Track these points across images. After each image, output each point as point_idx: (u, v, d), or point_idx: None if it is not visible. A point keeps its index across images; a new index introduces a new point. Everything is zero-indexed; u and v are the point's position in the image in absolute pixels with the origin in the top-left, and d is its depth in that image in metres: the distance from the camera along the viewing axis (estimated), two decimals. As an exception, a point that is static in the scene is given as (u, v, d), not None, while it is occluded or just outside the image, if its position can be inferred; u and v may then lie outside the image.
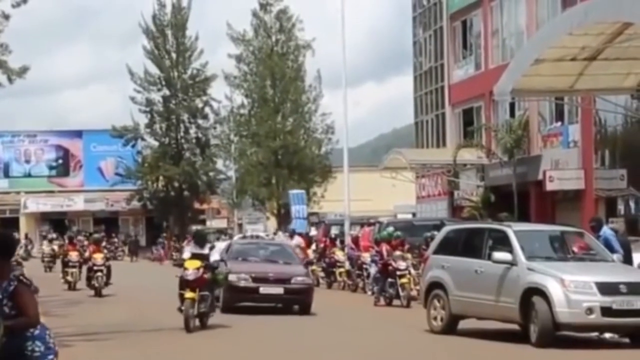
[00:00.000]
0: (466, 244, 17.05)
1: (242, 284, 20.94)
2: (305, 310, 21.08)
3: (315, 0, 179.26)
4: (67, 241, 34.31)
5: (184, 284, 17.00)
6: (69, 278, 29.38)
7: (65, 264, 29.85)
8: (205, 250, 17.63)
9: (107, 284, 26.68)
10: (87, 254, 28.16)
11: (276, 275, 21.29)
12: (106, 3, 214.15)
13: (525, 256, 15.28)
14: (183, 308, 16.71)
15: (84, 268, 28.57)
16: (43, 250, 46.37)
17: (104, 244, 35.62)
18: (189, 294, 16.71)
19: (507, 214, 31.41)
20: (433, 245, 18.33)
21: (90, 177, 75.96)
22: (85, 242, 33.82)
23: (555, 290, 14.47)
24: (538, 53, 23.34)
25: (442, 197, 45.81)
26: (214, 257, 17.75)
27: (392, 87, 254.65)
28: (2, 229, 9.92)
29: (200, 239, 18.29)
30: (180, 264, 17.29)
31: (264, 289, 20.97)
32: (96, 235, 33.02)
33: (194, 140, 67.66)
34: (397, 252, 23.93)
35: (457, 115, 45.11)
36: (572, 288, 14.46)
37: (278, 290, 21.00)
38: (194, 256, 17.37)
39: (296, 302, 21.33)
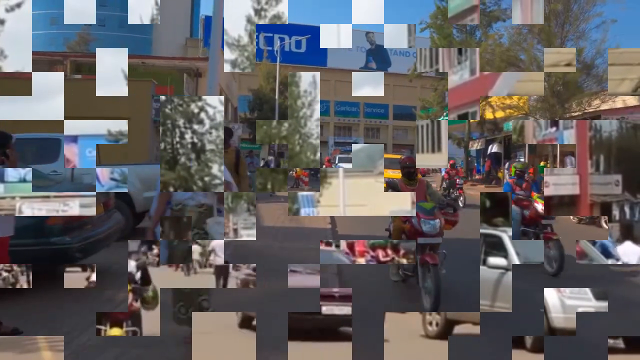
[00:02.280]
0: (461, 249, 17.06)
1: None
2: None
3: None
4: None
5: None
6: None
7: None
8: None
9: None
10: None
11: None
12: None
13: (520, 261, 15.28)
14: None
15: None
16: None
17: None
18: None
19: (503, 218, 31.52)
20: (428, 250, 18.34)
21: (85, 182, 76.10)
22: None
23: (549, 295, 14.47)
24: (533, 58, 23.38)
25: (437, 202, 45.80)
26: None
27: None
28: None
29: None
30: None
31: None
32: None
33: (189, 145, 67.89)
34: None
35: (452, 121, 45.17)
36: (567, 293, 14.46)
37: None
38: None
39: None
